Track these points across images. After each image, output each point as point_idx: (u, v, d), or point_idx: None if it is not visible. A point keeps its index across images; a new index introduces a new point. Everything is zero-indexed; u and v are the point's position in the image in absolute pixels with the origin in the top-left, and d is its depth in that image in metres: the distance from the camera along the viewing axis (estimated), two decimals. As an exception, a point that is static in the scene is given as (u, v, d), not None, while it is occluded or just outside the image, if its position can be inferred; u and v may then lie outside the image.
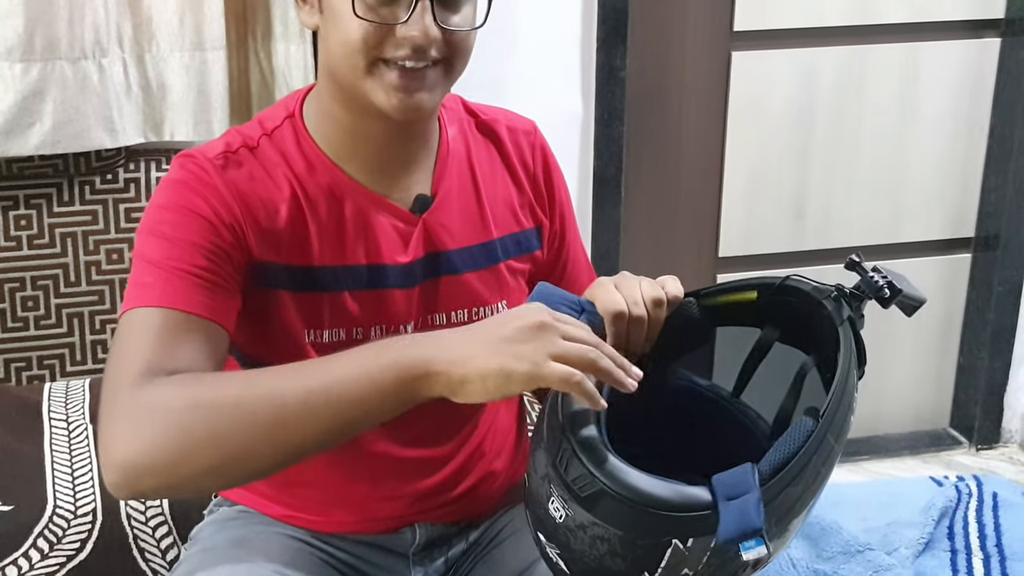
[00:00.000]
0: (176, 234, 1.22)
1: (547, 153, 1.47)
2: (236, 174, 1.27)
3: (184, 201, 1.24)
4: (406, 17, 1.20)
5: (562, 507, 1.10)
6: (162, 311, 1.18)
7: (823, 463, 1.10)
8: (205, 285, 1.21)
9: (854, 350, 1.17)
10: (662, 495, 1.06)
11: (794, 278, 1.25)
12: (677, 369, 1.33)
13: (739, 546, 1.03)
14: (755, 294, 1.25)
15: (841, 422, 1.12)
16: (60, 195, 2.28)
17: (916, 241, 2.93)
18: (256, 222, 1.26)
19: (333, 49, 1.25)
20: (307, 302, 1.30)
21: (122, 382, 1.12)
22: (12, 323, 2.29)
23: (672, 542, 1.05)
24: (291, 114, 1.33)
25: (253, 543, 1.36)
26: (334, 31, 1.24)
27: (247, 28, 2.34)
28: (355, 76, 1.23)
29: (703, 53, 2.70)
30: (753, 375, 1.30)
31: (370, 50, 1.21)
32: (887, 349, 3.00)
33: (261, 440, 1.08)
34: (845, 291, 1.20)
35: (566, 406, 1.15)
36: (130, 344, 1.16)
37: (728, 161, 2.77)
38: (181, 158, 1.28)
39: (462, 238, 1.37)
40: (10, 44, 2.13)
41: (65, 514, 1.78)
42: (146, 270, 1.21)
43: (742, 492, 1.04)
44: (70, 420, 2.01)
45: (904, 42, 2.76)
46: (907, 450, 3.04)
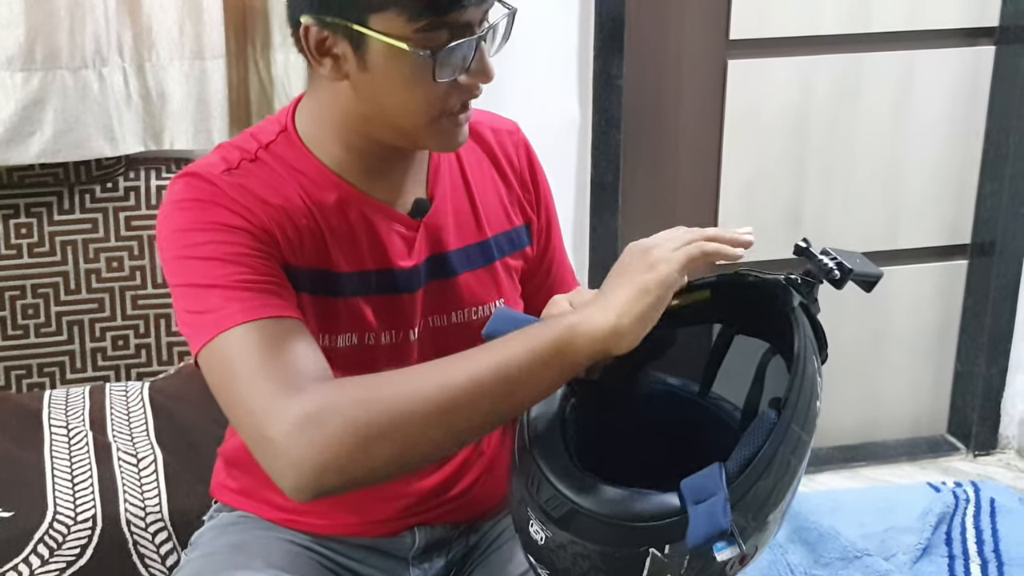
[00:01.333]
0: (220, 252, 1.21)
1: (530, 151, 1.50)
2: (250, 184, 1.26)
3: (210, 217, 1.22)
4: (466, 66, 1.21)
5: (541, 529, 1.11)
6: (253, 325, 1.16)
7: (792, 453, 1.09)
8: (273, 289, 1.21)
9: (810, 335, 1.16)
10: (631, 507, 1.07)
11: (742, 272, 1.25)
12: (649, 373, 1.33)
13: (712, 548, 1.03)
14: (708, 293, 1.26)
15: (805, 410, 1.12)
16: (60, 203, 2.29)
17: (912, 248, 2.94)
18: (280, 226, 1.26)
19: (387, 106, 1.24)
20: (325, 307, 1.31)
21: (267, 400, 1.11)
22: (12, 331, 2.30)
23: (649, 551, 1.06)
24: (284, 127, 1.33)
25: (253, 548, 1.36)
26: (389, 91, 1.22)
27: (246, 37, 2.35)
28: (416, 128, 1.25)
29: (700, 61, 2.71)
30: (719, 369, 1.30)
31: (438, 105, 1.23)
32: (884, 356, 3.00)
33: (434, 425, 1.09)
34: (794, 278, 1.20)
35: (532, 430, 1.15)
36: (245, 367, 1.14)
37: (725, 168, 2.78)
38: (187, 177, 1.26)
39: (460, 239, 1.39)
40: (11, 53, 2.14)
41: (65, 520, 1.78)
42: (206, 295, 1.19)
43: (710, 494, 1.04)
44: (70, 427, 2.02)
45: (900, 50, 2.77)
46: (904, 456, 3.04)
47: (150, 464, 1.91)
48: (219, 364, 1.17)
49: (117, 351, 2.35)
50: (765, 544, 1.13)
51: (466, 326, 1.39)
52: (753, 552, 1.09)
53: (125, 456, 1.93)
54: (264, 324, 1.17)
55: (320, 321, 1.30)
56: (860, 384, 2.98)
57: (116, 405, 2.11)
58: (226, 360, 1.16)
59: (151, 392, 2.16)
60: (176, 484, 1.87)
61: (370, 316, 1.33)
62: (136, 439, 1.99)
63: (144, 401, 2.12)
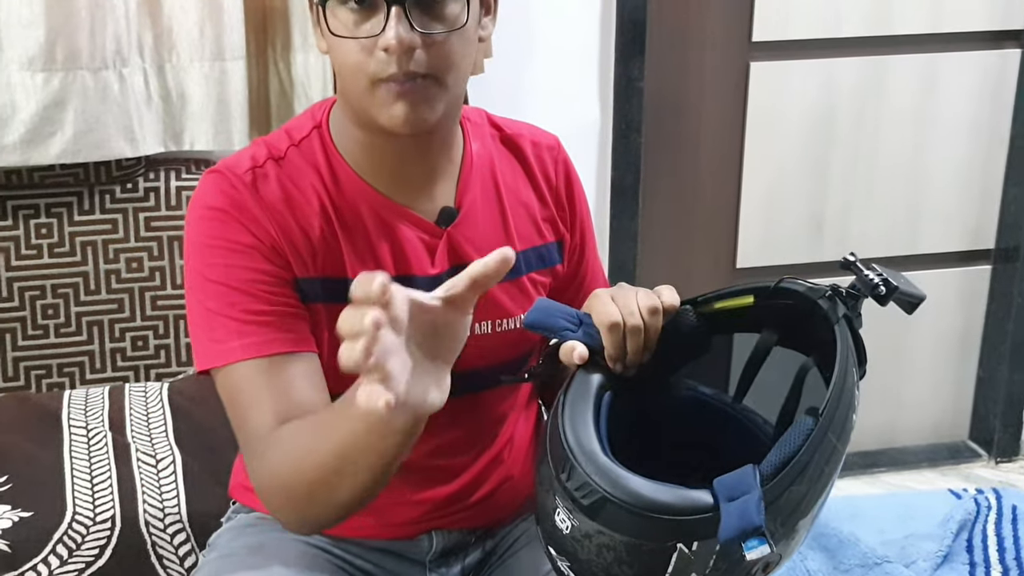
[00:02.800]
0: (231, 277, 1.24)
1: (569, 168, 1.48)
2: (267, 191, 1.27)
3: (226, 234, 1.25)
4: (381, 28, 1.20)
5: (568, 518, 1.10)
6: (250, 364, 1.22)
7: (826, 462, 1.09)
8: (278, 320, 1.24)
9: (852, 348, 1.17)
10: (663, 499, 1.06)
11: (788, 280, 1.25)
12: (681, 379, 1.33)
13: (742, 546, 1.03)
14: (751, 299, 1.25)
15: (842, 420, 1.12)
16: (80, 204, 2.29)
17: (935, 252, 2.92)
18: (292, 242, 1.27)
19: (338, 72, 1.27)
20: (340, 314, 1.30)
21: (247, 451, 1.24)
22: (32, 331, 2.30)
23: (676, 546, 1.06)
24: (318, 124, 1.34)
25: (270, 549, 1.36)
26: (332, 56, 1.26)
27: (267, 39, 2.35)
28: (360, 97, 1.24)
29: (721, 64, 2.70)
30: (754, 380, 1.30)
31: (362, 69, 1.22)
32: (906, 361, 2.99)
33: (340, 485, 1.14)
34: (840, 291, 1.20)
35: (566, 417, 1.15)
36: (239, 407, 1.24)
37: (746, 172, 2.77)
38: (211, 175, 1.29)
39: (486, 251, 1.36)
40: (32, 54, 2.15)
41: (84, 520, 1.78)
42: (214, 321, 1.24)
43: (743, 492, 1.04)
44: (89, 427, 2.02)
45: (923, 53, 2.75)
46: (926, 462, 3.03)
47: (169, 465, 1.92)
48: (222, 393, 1.26)
49: (136, 352, 2.36)
50: (791, 553, 1.12)
51: (489, 338, 1.38)
52: (778, 560, 1.09)
53: (144, 457, 1.94)
54: (259, 363, 1.23)
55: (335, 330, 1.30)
56: (882, 389, 2.96)
57: (135, 406, 2.11)
58: (226, 394, 1.25)
59: (170, 393, 2.16)
60: (195, 485, 1.87)
61: None
62: (155, 440, 2.00)
63: (163, 402, 2.13)
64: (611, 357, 1.23)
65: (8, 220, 2.26)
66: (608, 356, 1.23)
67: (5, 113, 2.17)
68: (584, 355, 1.22)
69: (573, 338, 1.23)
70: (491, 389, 1.41)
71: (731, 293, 1.27)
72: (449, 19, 1.22)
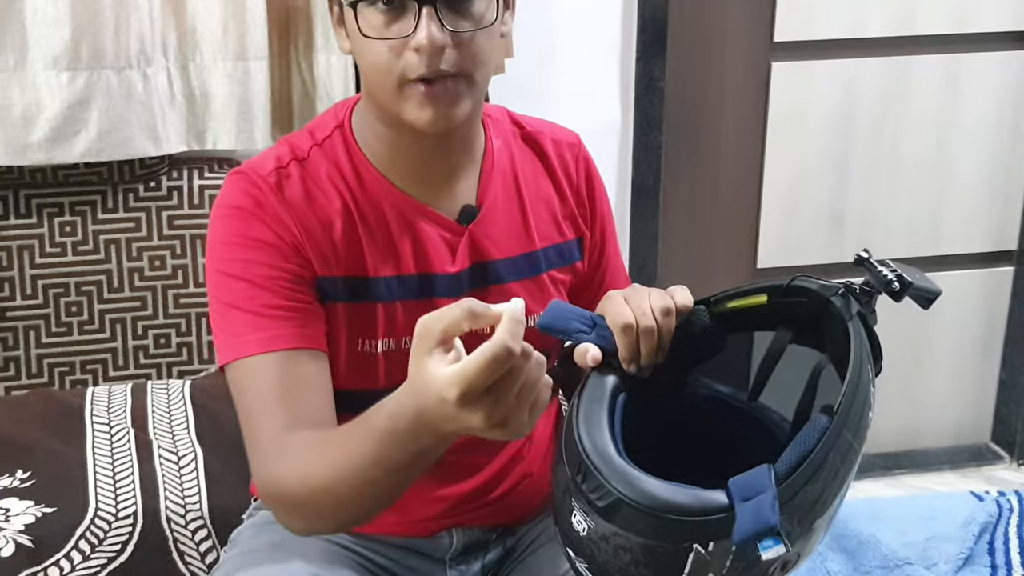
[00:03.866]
0: (250, 272, 1.25)
1: (590, 165, 1.48)
2: (290, 192, 1.28)
3: (247, 231, 1.26)
4: (412, 28, 1.21)
5: (584, 520, 1.11)
6: (265, 357, 1.23)
7: (841, 460, 1.09)
8: (294, 317, 1.25)
9: (867, 345, 1.16)
10: (678, 500, 1.06)
11: (801, 278, 1.24)
12: (697, 378, 1.33)
13: (757, 546, 1.02)
14: (765, 297, 1.25)
15: (857, 418, 1.11)
16: (104, 202, 2.31)
17: (958, 254, 2.91)
18: (315, 241, 1.28)
19: (364, 72, 1.27)
20: (361, 312, 1.31)
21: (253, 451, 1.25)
22: (56, 328, 2.32)
23: (693, 547, 1.06)
24: (340, 123, 1.35)
25: (291, 546, 1.37)
26: (359, 56, 1.26)
27: (289, 38, 2.36)
28: (387, 97, 1.25)
29: (743, 63, 2.69)
30: (769, 378, 1.29)
31: (392, 69, 1.22)
32: (928, 363, 2.97)
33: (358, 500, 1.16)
34: (854, 287, 1.20)
35: (581, 419, 1.15)
36: (249, 402, 1.24)
37: (767, 171, 2.76)
38: (235, 176, 1.30)
39: (507, 248, 1.38)
40: (57, 53, 2.17)
41: (106, 516, 1.79)
42: (232, 316, 1.25)
43: (758, 492, 1.04)
44: (112, 424, 2.03)
45: (946, 53, 2.74)
46: (947, 464, 3.01)
47: (191, 462, 1.93)
48: (233, 387, 1.27)
49: (159, 349, 2.37)
50: (809, 553, 1.12)
51: None
52: (796, 559, 1.08)
53: (166, 454, 1.95)
54: (275, 357, 1.23)
55: (357, 327, 1.31)
56: (903, 391, 2.95)
57: (157, 403, 2.12)
58: (237, 387, 1.26)
59: (192, 390, 2.17)
60: (216, 482, 1.88)
61: (407, 320, 1.33)
62: (177, 437, 2.01)
63: (185, 399, 2.14)
64: (625, 358, 1.23)
65: (33, 218, 2.28)
66: (622, 357, 1.23)
67: (30, 112, 2.18)
68: (597, 357, 1.22)
69: (587, 340, 1.24)
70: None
71: (744, 292, 1.27)
72: (476, 17, 1.23)
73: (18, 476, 1.88)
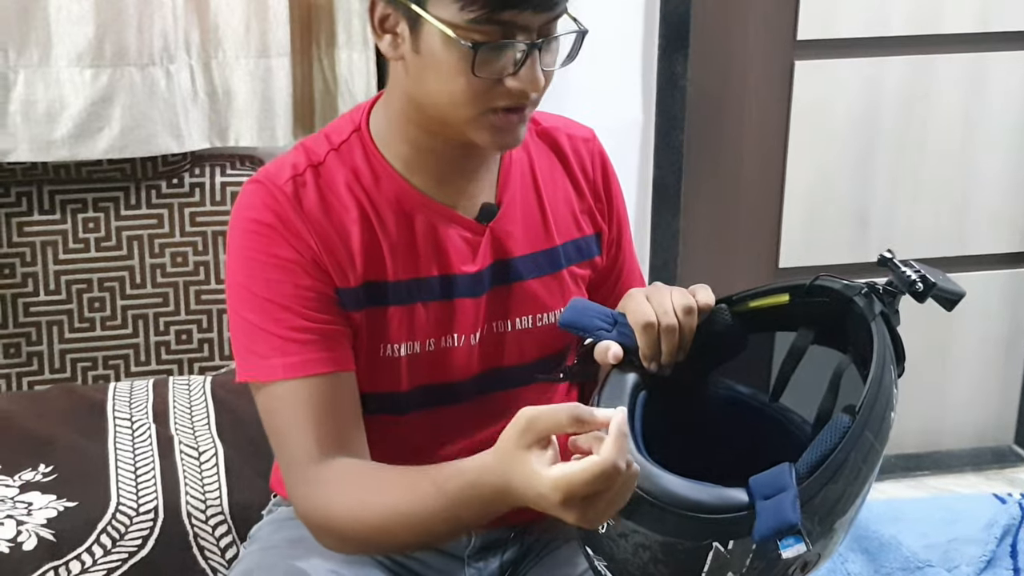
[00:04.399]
0: (274, 292, 1.26)
1: (606, 160, 1.48)
2: (307, 201, 1.28)
3: (270, 249, 1.27)
4: (513, 68, 1.21)
5: None
6: (291, 383, 1.26)
7: (863, 460, 1.08)
8: (319, 339, 1.27)
9: (889, 346, 1.16)
10: (698, 498, 1.06)
11: (824, 277, 1.24)
12: (718, 378, 1.32)
13: (778, 544, 1.02)
14: (787, 296, 1.25)
15: (880, 418, 1.11)
16: (127, 199, 2.32)
17: (982, 254, 2.89)
18: (332, 252, 1.28)
19: (432, 92, 1.25)
20: (382, 317, 1.32)
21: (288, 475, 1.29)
22: (79, 323, 2.33)
23: (712, 545, 1.05)
24: (358, 127, 1.34)
25: (310, 542, 1.37)
26: (435, 77, 1.23)
27: (311, 36, 2.36)
28: (458, 120, 1.24)
29: (766, 62, 2.68)
30: (791, 378, 1.29)
31: (480, 102, 1.22)
32: (951, 364, 2.96)
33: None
34: (877, 287, 1.19)
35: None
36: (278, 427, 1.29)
37: (790, 170, 2.75)
38: (254, 186, 1.30)
39: (526, 245, 1.38)
40: (80, 50, 2.18)
41: (128, 511, 1.80)
42: (256, 336, 1.27)
43: (779, 491, 1.04)
44: (134, 419, 2.04)
45: (971, 52, 2.72)
46: (969, 466, 2.99)
47: (211, 458, 1.93)
48: (260, 407, 1.31)
49: (180, 345, 2.38)
50: (829, 553, 1.12)
51: (528, 332, 1.38)
52: (816, 559, 1.08)
53: (187, 449, 1.95)
54: (299, 383, 1.26)
55: (379, 331, 1.31)
56: (925, 392, 2.93)
57: (179, 398, 2.13)
58: (265, 409, 1.30)
59: (213, 386, 2.18)
60: (236, 478, 1.88)
61: (428, 322, 1.33)
62: (198, 432, 2.01)
63: (206, 395, 2.14)
64: (646, 357, 1.23)
65: (56, 214, 2.29)
66: (643, 356, 1.23)
67: (54, 109, 2.20)
68: (618, 355, 1.22)
69: (608, 338, 1.23)
70: (529, 385, 1.41)
71: (766, 291, 1.26)
72: (561, 55, 1.27)
73: (40, 470, 1.89)
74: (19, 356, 2.32)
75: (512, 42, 1.20)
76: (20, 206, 2.28)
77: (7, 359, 2.32)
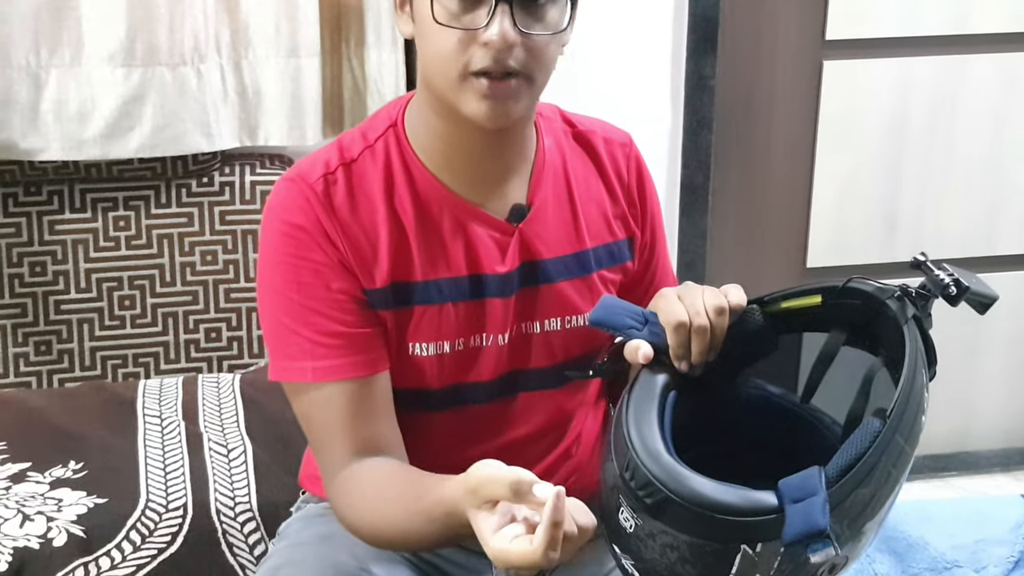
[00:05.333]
0: (305, 295, 1.28)
1: (641, 166, 1.48)
2: (337, 201, 1.29)
3: (303, 252, 1.28)
4: (485, 22, 1.21)
5: (631, 516, 1.10)
6: (327, 387, 1.28)
7: (893, 464, 1.08)
8: (351, 343, 1.28)
9: (921, 349, 1.15)
10: (727, 500, 1.06)
11: (857, 279, 1.23)
12: (749, 379, 1.32)
13: (807, 548, 1.02)
14: (819, 298, 1.24)
15: (910, 422, 1.10)
16: (158, 197, 2.33)
17: (1012, 254, 2.87)
18: (360, 256, 1.29)
19: (426, 59, 1.27)
20: (411, 317, 1.32)
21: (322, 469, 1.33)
22: (109, 321, 2.35)
23: (740, 547, 1.05)
24: (393, 123, 1.35)
25: (339, 539, 1.38)
26: (424, 41, 1.26)
27: (340, 35, 2.37)
28: (447, 86, 1.25)
29: (794, 62, 2.67)
30: (822, 380, 1.28)
31: (457, 59, 1.22)
32: (980, 364, 2.94)
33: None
34: (910, 291, 1.18)
35: (630, 417, 1.15)
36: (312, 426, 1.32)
37: (818, 171, 2.74)
38: (287, 183, 1.31)
39: (557, 248, 1.38)
40: (112, 49, 2.19)
41: (157, 508, 1.82)
42: (289, 338, 1.29)
43: (808, 494, 1.03)
44: (163, 417, 2.06)
45: (1003, 52, 2.70)
46: (998, 467, 2.98)
47: (240, 455, 1.94)
48: (294, 406, 1.34)
49: (210, 343, 2.39)
50: (857, 556, 1.11)
51: (557, 334, 1.39)
52: (844, 562, 1.07)
53: (216, 446, 1.97)
54: (334, 388, 1.28)
55: (408, 331, 1.32)
56: (953, 393, 2.91)
57: (208, 396, 2.15)
58: (298, 410, 1.33)
59: (242, 384, 2.19)
60: (265, 475, 1.89)
61: (457, 322, 1.33)
62: (227, 430, 2.03)
63: (235, 393, 2.16)
64: (676, 356, 1.23)
65: (87, 212, 2.31)
66: (673, 355, 1.23)
67: (86, 108, 2.22)
68: (649, 354, 1.22)
69: (638, 336, 1.23)
70: (560, 387, 1.41)
71: (798, 292, 1.26)
72: (549, 23, 1.25)
73: (71, 467, 1.91)
74: (50, 353, 2.34)
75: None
76: (51, 204, 2.30)
77: (38, 356, 2.34)
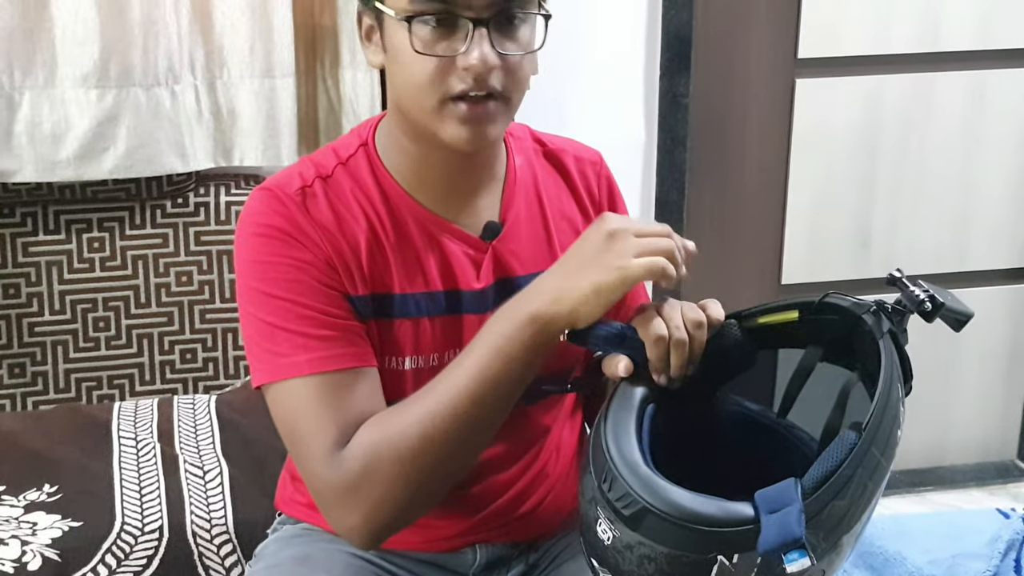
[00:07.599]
0: (289, 292, 1.26)
1: (612, 183, 1.49)
2: (317, 210, 1.29)
3: (286, 251, 1.27)
4: (464, 47, 1.22)
5: (609, 528, 1.11)
6: (316, 378, 1.25)
7: (869, 477, 1.09)
8: (342, 336, 1.26)
9: (897, 364, 1.16)
10: (704, 511, 1.06)
11: (833, 295, 1.24)
12: (727, 394, 1.33)
13: (783, 558, 1.02)
14: (796, 313, 1.25)
15: (886, 435, 1.11)
16: (132, 218, 2.33)
17: (984, 270, 2.89)
18: (343, 259, 1.29)
19: (400, 87, 1.28)
20: (388, 330, 1.32)
21: (317, 463, 1.24)
22: (84, 343, 2.34)
23: (717, 558, 1.05)
24: (364, 142, 1.36)
25: (316, 560, 1.37)
26: (399, 70, 1.27)
27: (315, 56, 2.38)
28: (423, 113, 1.25)
29: (767, 80, 2.70)
30: (799, 395, 1.29)
31: (436, 87, 1.23)
32: (954, 379, 2.96)
33: (458, 452, 1.24)
34: (885, 306, 1.20)
35: (610, 428, 1.16)
36: (301, 419, 1.25)
37: (792, 188, 2.76)
38: (263, 193, 1.31)
39: (531, 264, 1.39)
40: (86, 70, 2.19)
41: (132, 531, 1.81)
42: (275, 335, 1.26)
43: (784, 505, 1.04)
44: (139, 439, 2.05)
45: (971, 69, 2.74)
46: (973, 482, 2.99)
47: (216, 476, 1.94)
48: (280, 407, 1.27)
49: (185, 364, 2.39)
50: (835, 569, 1.12)
51: None
52: (821, 575, 1.08)
53: (192, 468, 1.96)
54: (324, 378, 1.25)
55: (385, 344, 1.32)
56: (929, 408, 2.93)
57: (183, 417, 2.14)
58: (286, 407, 1.27)
59: (218, 405, 2.19)
60: (241, 496, 1.89)
61: (434, 337, 1.33)
62: (203, 451, 2.02)
63: (211, 414, 2.15)
64: (655, 370, 1.23)
65: (61, 234, 2.30)
66: (653, 369, 1.23)
67: (59, 129, 2.21)
68: (629, 368, 1.22)
69: (617, 351, 1.24)
70: (536, 402, 1.41)
71: (776, 308, 1.27)
72: (523, 41, 1.26)
73: (45, 490, 1.90)
74: (24, 376, 2.33)
75: (447, 9, 1.21)
76: (25, 226, 2.29)
77: (12, 379, 2.32)
